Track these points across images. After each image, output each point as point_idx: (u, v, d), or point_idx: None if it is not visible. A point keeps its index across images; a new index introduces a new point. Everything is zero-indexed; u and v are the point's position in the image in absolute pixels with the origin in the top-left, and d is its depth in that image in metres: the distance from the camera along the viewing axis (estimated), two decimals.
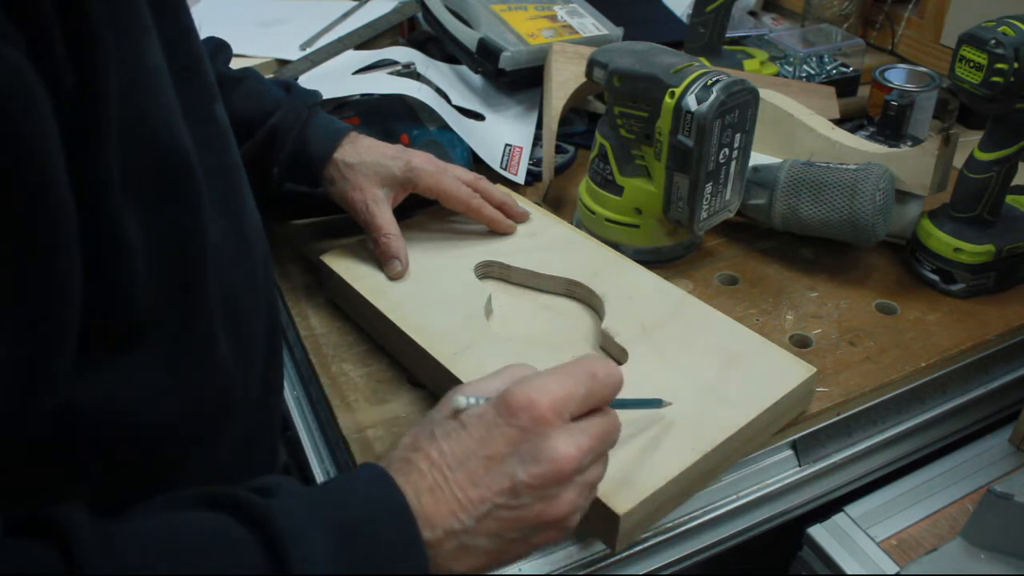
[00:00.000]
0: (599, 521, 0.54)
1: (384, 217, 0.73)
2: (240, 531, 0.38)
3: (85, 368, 0.40)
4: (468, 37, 1.01)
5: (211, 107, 0.51)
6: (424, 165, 0.74)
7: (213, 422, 0.48)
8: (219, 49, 0.79)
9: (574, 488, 0.44)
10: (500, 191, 0.79)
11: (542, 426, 0.43)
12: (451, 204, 0.75)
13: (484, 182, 0.78)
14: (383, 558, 0.40)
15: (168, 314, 0.43)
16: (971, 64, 0.69)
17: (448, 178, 0.75)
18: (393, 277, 0.72)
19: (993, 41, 0.67)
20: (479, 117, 1.00)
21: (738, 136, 0.74)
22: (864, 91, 1.11)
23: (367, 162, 0.73)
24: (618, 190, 0.79)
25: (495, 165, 0.91)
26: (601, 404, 0.47)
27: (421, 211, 0.81)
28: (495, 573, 0.56)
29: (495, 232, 0.77)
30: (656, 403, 0.56)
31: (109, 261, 0.38)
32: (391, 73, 1.02)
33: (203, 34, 0.77)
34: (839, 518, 0.64)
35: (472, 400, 0.45)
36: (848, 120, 1.05)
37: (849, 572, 0.60)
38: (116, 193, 0.38)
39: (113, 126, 0.37)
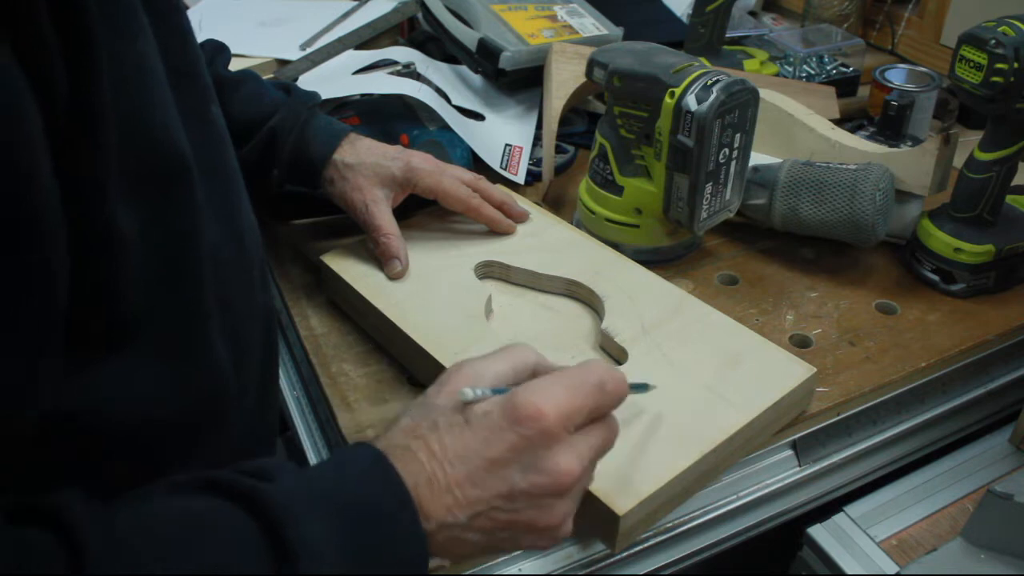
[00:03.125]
0: (599, 521, 0.54)
1: (384, 217, 0.73)
2: (239, 516, 0.38)
3: (81, 365, 0.40)
4: (468, 37, 1.01)
5: (208, 109, 0.51)
6: (423, 165, 0.74)
7: (208, 423, 0.48)
8: (218, 51, 0.79)
9: (570, 500, 0.45)
10: (500, 191, 0.79)
11: (547, 439, 0.43)
12: (450, 204, 0.75)
13: (484, 182, 0.78)
14: (384, 542, 0.40)
15: (162, 313, 0.43)
16: (971, 64, 0.69)
17: (447, 178, 0.75)
18: (393, 277, 0.72)
19: (993, 41, 0.67)
20: (479, 117, 1.00)
21: (738, 136, 0.74)
22: (864, 91, 1.11)
23: (366, 163, 0.73)
24: (618, 190, 0.79)
25: (495, 165, 0.91)
26: (605, 413, 0.47)
27: (421, 211, 0.81)
28: (496, 574, 0.56)
29: (495, 232, 0.77)
30: (643, 388, 0.55)
31: (102, 257, 0.38)
32: (391, 73, 1.02)
33: (203, 34, 0.77)
34: (839, 518, 0.64)
35: (479, 392, 0.44)
36: (848, 120, 1.05)
37: (849, 572, 0.60)
38: (111, 190, 0.38)
39: (109, 124, 0.37)
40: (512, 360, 0.47)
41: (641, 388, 0.55)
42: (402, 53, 1.07)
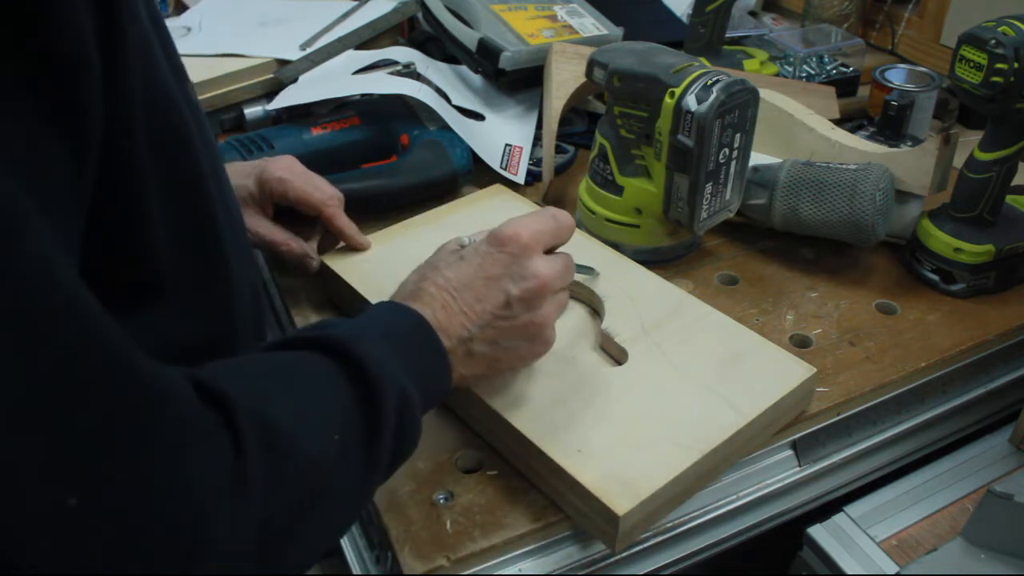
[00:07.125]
0: (599, 521, 0.54)
1: (271, 234, 0.72)
2: (317, 356, 0.47)
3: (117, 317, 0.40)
4: (468, 37, 1.01)
5: (185, 86, 0.51)
6: (276, 174, 0.72)
7: None
8: None
9: (552, 302, 0.57)
10: (347, 222, 0.75)
11: (527, 252, 0.55)
12: (305, 207, 0.73)
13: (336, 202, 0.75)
14: (420, 357, 0.52)
15: (187, 268, 0.45)
16: (971, 64, 0.69)
17: (300, 184, 0.72)
18: (311, 274, 0.74)
19: (993, 41, 0.67)
20: (479, 117, 1.00)
21: (738, 136, 0.74)
22: (864, 91, 1.11)
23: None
24: (618, 190, 0.79)
25: (495, 165, 0.91)
26: (560, 243, 0.59)
27: (420, 213, 0.80)
28: (497, 574, 0.56)
29: (349, 246, 0.75)
30: (588, 270, 0.70)
31: (133, 211, 0.40)
32: (391, 73, 1.02)
33: (204, 34, 0.77)
34: (839, 518, 0.64)
35: (467, 240, 0.59)
36: (848, 120, 1.05)
37: (849, 572, 0.60)
38: (137, 146, 0.39)
39: (137, 89, 0.38)
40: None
41: (586, 270, 0.70)
42: (402, 53, 1.07)
